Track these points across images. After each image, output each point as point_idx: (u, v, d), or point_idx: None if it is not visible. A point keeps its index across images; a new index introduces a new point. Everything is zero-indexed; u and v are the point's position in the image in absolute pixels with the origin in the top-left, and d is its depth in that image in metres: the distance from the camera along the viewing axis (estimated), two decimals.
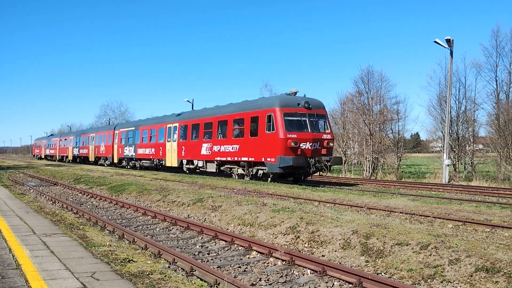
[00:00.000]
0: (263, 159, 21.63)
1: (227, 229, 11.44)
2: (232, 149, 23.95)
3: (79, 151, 52.97)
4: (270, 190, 17.79)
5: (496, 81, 34.25)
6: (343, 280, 6.81)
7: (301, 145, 20.71)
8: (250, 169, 23.16)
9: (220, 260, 8.44)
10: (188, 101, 52.01)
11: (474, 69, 36.50)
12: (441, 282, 6.62)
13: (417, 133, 60.60)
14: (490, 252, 6.98)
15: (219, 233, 10.27)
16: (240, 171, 24.06)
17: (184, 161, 29.42)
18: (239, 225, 11.53)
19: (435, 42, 27.41)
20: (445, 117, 30.79)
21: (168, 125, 31.80)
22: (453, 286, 6.45)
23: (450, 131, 32.42)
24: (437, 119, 36.82)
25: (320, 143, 21.45)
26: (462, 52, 69.34)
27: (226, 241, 9.84)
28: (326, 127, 22.51)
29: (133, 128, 38.19)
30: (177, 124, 30.60)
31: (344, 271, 6.89)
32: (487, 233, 9.43)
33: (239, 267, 7.91)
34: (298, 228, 9.92)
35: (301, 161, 20.36)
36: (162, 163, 32.72)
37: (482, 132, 38.12)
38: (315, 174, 23.37)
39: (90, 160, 48.74)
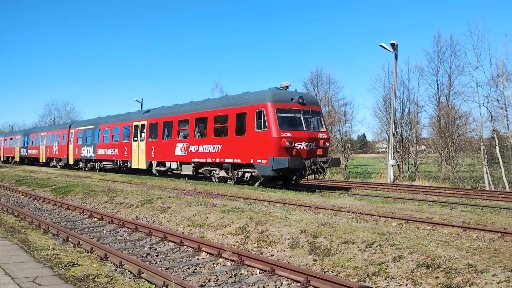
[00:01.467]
0: (252, 161, 19.29)
1: (177, 230, 11.34)
2: (213, 149, 21.44)
3: (27, 152, 48.62)
4: (220, 190, 17.76)
5: (438, 84, 35.90)
6: (292, 279, 6.91)
7: (296, 144, 18.65)
8: (235, 172, 20.75)
9: (169, 262, 8.34)
10: (137, 100, 51.16)
11: (417, 72, 38.15)
12: (385, 278, 6.85)
13: (364, 134, 62.31)
14: (431, 249, 7.29)
15: (168, 235, 10.16)
16: (223, 173, 21.60)
17: (154, 163, 26.73)
18: (189, 226, 11.45)
19: (381, 46, 28.30)
20: (390, 119, 31.86)
21: (135, 123, 28.85)
22: (396, 282, 6.68)
23: (395, 133, 33.59)
24: (383, 120, 38.14)
25: (316, 143, 19.47)
26: (406, 56, 71.93)
27: (175, 242, 9.74)
28: (321, 125, 20.48)
29: (92, 126, 34.82)
30: (145, 122, 27.77)
31: (292, 270, 6.99)
32: (428, 230, 9.83)
33: (188, 268, 7.85)
34: (248, 228, 9.97)
35: (297, 162, 18.27)
36: (127, 165, 29.76)
37: (424, 133, 39.82)
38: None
39: (40, 161, 44.77)
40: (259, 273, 7.41)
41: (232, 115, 20.67)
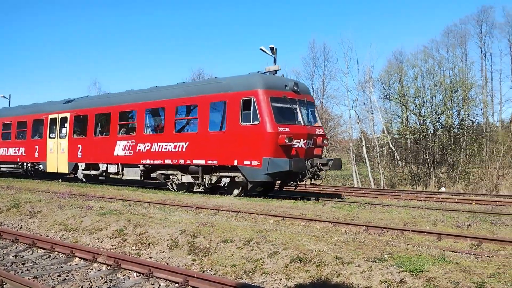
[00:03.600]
0: (235, 163, 15.49)
1: (47, 235, 10.62)
2: (175, 148, 17.28)
3: None
4: (97, 192, 17.02)
5: (313, 88, 38.17)
6: (170, 281, 6.85)
7: (294, 142, 15.24)
8: (206, 177, 16.71)
9: (37, 270, 7.77)
10: (4, 97, 46.71)
11: (294, 76, 40.26)
12: (261, 274, 7.10)
13: None
14: (304, 244, 7.72)
15: (37, 241, 9.47)
16: (187, 179, 17.37)
17: (81, 165, 21.59)
18: (61, 230, 10.79)
19: (261, 49, 29.14)
20: None
21: (51, 116, 23.41)
22: (271, 278, 6.96)
23: None
24: None
25: (314, 141, 16.16)
26: (285, 60, 75.29)
27: (45, 248, 9.11)
28: (315, 119, 17.13)
29: None
30: (67, 114, 22.50)
31: (170, 271, 6.94)
32: (302, 226, 10.39)
33: (59, 275, 7.39)
34: (126, 231, 9.68)
35: (301, 165, 14.80)
36: (40, 168, 24.28)
37: None
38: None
39: None
40: (137, 276, 7.23)
41: (204, 105, 16.64)
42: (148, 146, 18.35)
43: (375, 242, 8.02)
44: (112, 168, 20.04)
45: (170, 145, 17.51)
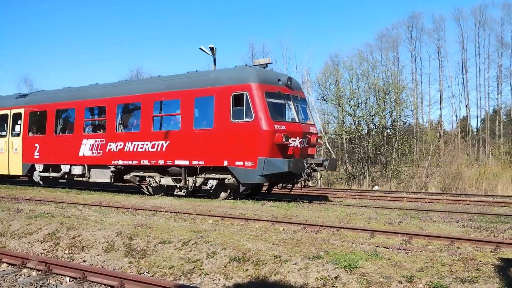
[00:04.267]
0: (225, 163, 14.33)
1: None
2: (154, 147, 15.84)
3: None
4: (27, 194, 16.24)
5: None
6: (105, 284, 6.68)
7: (290, 141, 14.23)
8: (190, 179, 15.38)
9: None
10: None
11: None
12: (200, 275, 7.06)
13: None
14: (242, 243, 7.76)
15: None
16: (166, 181, 15.99)
17: (39, 167, 19.49)
18: None
19: (200, 49, 29.00)
20: None
21: (1, 112, 21.24)
22: (210, 278, 6.94)
23: None
24: None
25: (308, 140, 15.21)
26: (225, 61, 75.32)
27: None
28: (308, 116, 16.10)
29: None
30: (21, 110, 20.39)
31: (105, 275, 6.76)
32: (241, 226, 10.43)
33: None
34: (58, 234, 9.31)
35: (300, 165, 13.85)
36: None
37: None
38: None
39: None
40: (69, 281, 6.98)
41: (188, 100, 15.29)
42: (120, 145, 16.75)
43: (312, 240, 8.21)
44: (77, 170, 18.18)
45: (147, 144, 16.05)
